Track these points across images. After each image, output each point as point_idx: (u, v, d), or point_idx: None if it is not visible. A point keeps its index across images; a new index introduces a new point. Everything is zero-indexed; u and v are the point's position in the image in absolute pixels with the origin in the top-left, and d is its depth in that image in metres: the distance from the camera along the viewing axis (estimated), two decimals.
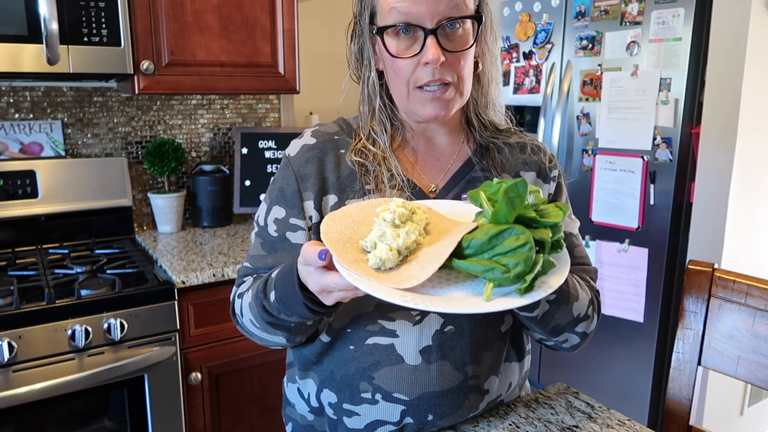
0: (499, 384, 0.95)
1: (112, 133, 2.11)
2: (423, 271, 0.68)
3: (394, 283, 0.67)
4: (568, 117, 2.44)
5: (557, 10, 2.46)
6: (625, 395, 2.38)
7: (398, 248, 0.70)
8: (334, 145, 0.95)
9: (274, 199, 0.94)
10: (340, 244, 0.72)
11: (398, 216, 0.73)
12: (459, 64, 0.86)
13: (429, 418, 0.90)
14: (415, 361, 0.88)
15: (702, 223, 2.13)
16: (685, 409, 1.04)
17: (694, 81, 2.09)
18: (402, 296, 0.66)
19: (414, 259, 0.71)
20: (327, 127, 0.98)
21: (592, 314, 0.93)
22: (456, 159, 0.98)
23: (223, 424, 1.79)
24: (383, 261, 0.69)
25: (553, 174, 1.00)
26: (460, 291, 0.70)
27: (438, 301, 0.67)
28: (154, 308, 1.57)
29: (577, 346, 0.96)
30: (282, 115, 2.45)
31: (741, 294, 0.99)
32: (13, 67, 1.57)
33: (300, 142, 0.96)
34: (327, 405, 0.94)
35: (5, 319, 1.40)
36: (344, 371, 0.91)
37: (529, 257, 0.66)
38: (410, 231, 0.72)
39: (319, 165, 0.92)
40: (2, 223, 1.87)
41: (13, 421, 1.43)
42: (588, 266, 1.00)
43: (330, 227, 0.75)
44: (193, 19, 1.85)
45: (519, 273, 0.66)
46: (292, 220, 0.92)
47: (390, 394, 0.89)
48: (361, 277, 0.68)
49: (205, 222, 2.20)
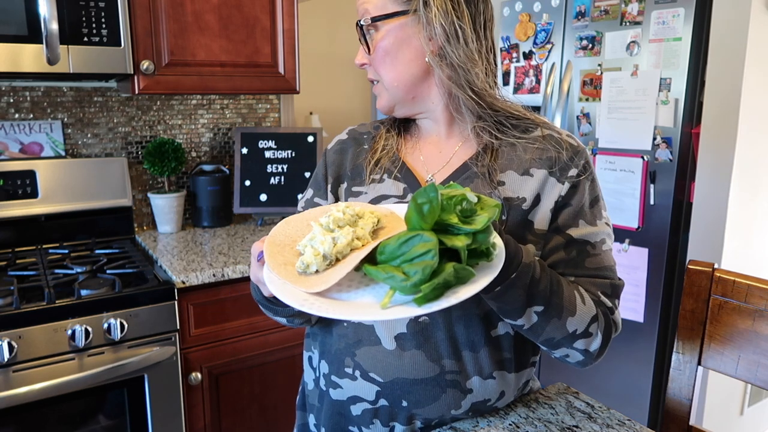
0: (487, 388, 0.92)
1: (112, 133, 2.11)
2: (332, 276, 0.68)
3: (306, 287, 0.68)
4: (568, 117, 2.44)
5: (557, 10, 2.46)
6: (625, 395, 2.38)
7: (324, 253, 0.70)
8: (360, 141, 1.05)
9: (310, 184, 1.08)
10: (280, 246, 0.75)
11: (333, 220, 0.73)
12: (376, 65, 0.95)
13: (403, 404, 0.91)
14: (390, 345, 0.90)
15: (702, 223, 2.13)
16: (685, 409, 1.04)
17: (694, 81, 2.09)
18: (303, 300, 0.67)
19: (338, 264, 0.71)
20: (362, 127, 1.09)
21: (595, 332, 0.86)
22: (458, 153, 0.97)
23: (223, 424, 1.79)
24: (307, 264, 0.70)
25: (570, 173, 0.91)
26: (367, 297, 0.70)
27: (335, 306, 0.67)
28: (154, 308, 1.57)
29: (584, 363, 0.90)
30: (282, 115, 2.45)
31: (741, 294, 0.99)
32: (13, 67, 1.57)
33: (337, 137, 1.09)
34: (322, 375, 0.99)
35: (5, 319, 1.40)
36: (337, 345, 0.96)
37: (429, 265, 0.63)
38: (341, 236, 0.71)
39: (341, 156, 1.04)
40: (2, 223, 1.87)
41: (13, 421, 1.43)
42: (603, 279, 0.90)
43: (280, 230, 0.78)
44: (193, 19, 1.85)
45: (416, 282, 0.64)
46: (316, 199, 1.04)
47: (367, 373, 0.92)
48: (277, 279, 0.70)
49: (205, 222, 2.20)
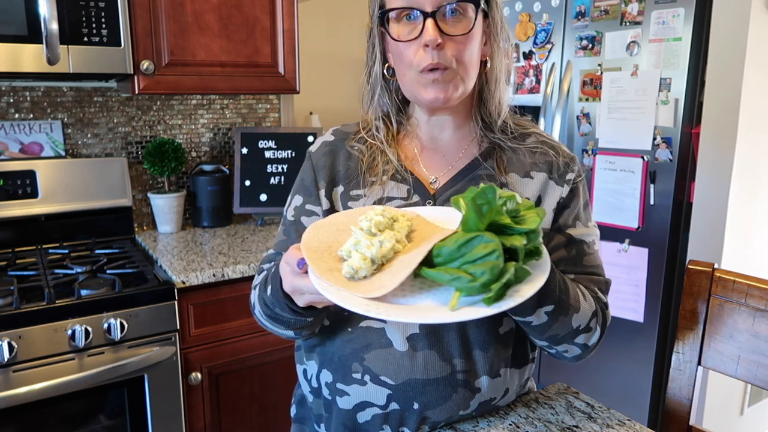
0: (494, 387, 0.93)
1: (112, 133, 2.11)
2: (392, 280, 0.68)
3: (363, 293, 0.67)
4: (568, 117, 2.44)
5: (557, 10, 2.46)
6: (625, 395, 2.38)
7: (371, 257, 0.70)
8: (348, 142, 1.01)
9: (295, 189, 1.03)
10: (318, 252, 0.73)
11: (375, 224, 0.73)
12: (459, 49, 0.88)
13: (415, 406, 0.90)
14: (402, 347, 0.89)
15: (702, 223, 2.13)
16: (685, 409, 1.04)
17: (694, 81, 2.09)
18: (366, 306, 0.66)
19: (388, 268, 0.71)
20: (347, 127, 1.05)
21: (595, 327, 0.91)
22: (462, 156, 0.98)
23: (223, 424, 1.79)
24: (356, 270, 0.69)
25: (569, 177, 0.97)
26: (428, 300, 0.69)
27: (401, 311, 0.67)
28: (154, 308, 1.57)
29: (579, 357, 0.95)
30: (282, 115, 2.45)
31: (741, 294, 0.99)
32: (13, 67, 1.57)
33: (321, 139, 1.05)
34: (324, 385, 0.96)
35: (5, 319, 1.40)
36: (341, 352, 0.93)
37: (496, 266, 0.64)
38: (385, 240, 0.71)
39: (332, 158, 0.99)
40: (2, 223, 1.87)
41: (13, 421, 1.43)
42: (598, 277, 0.96)
43: (312, 236, 0.76)
44: (193, 19, 1.85)
45: (485, 282, 0.64)
46: (308, 206, 0.99)
47: (378, 377, 0.90)
48: (330, 286, 0.68)
49: (205, 222, 2.20)
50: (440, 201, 0.94)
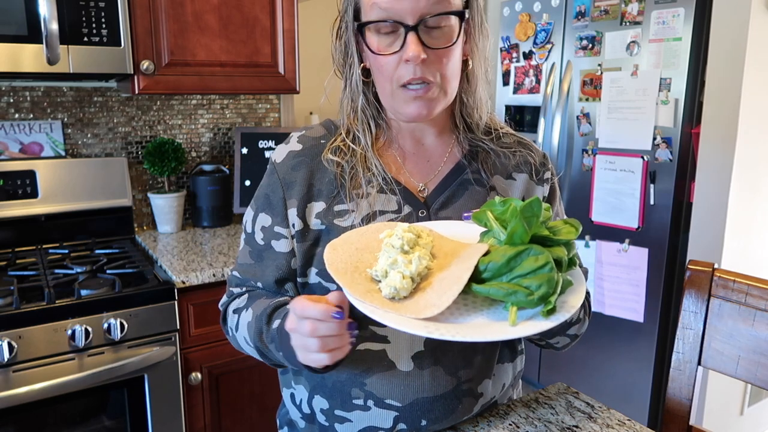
0: (493, 386, 0.94)
1: (112, 133, 2.11)
2: (442, 299, 0.65)
3: (413, 313, 0.65)
4: (568, 117, 2.44)
5: (557, 10, 2.46)
6: (625, 395, 2.38)
7: (411, 275, 0.68)
8: (320, 150, 0.93)
9: (260, 205, 0.94)
10: (348, 275, 0.69)
11: (407, 241, 0.70)
12: (441, 63, 0.83)
13: (422, 423, 0.89)
14: (407, 367, 0.87)
15: (702, 223, 2.13)
16: (685, 409, 1.04)
17: (694, 81, 2.09)
18: (425, 327, 0.64)
19: (428, 286, 0.68)
20: (313, 131, 0.96)
21: (583, 317, 0.94)
22: (447, 161, 0.95)
23: (223, 424, 1.79)
24: (398, 290, 0.67)
25: (546, 176, 0.98)
26: (479, 317, 0.67)
27: (464, 330, 0.64)
28: (154, 308, 1.57)
29: (567, 346, 0.97)
30: (282, 115, 2.45)
31: (741, 294, 0.98)
32: (13, 67, 1.57)
33: (286, 148, 0.94)
34: (318, 411, 0.92)
35: (5, 319, 1.40)
36: (335, 377, 0.89)
37: (551, 278, 0.64)
38: (421, 256, 0.69)
39: (305, 172, 0.91)
40: (2, 223, 1.87)
41: (13, 421, 1.43)
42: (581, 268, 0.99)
43: (334, 257, 0.72)
44: (193, 19, 1.85)
45: (543, 295, 0.64)
46: (276, 228, 0.92)
47: (382, 401, 0.87)
48: (378, 309, 0.65)
49: (205, 222, 2.20)
50: (433, 209, 0.90)
